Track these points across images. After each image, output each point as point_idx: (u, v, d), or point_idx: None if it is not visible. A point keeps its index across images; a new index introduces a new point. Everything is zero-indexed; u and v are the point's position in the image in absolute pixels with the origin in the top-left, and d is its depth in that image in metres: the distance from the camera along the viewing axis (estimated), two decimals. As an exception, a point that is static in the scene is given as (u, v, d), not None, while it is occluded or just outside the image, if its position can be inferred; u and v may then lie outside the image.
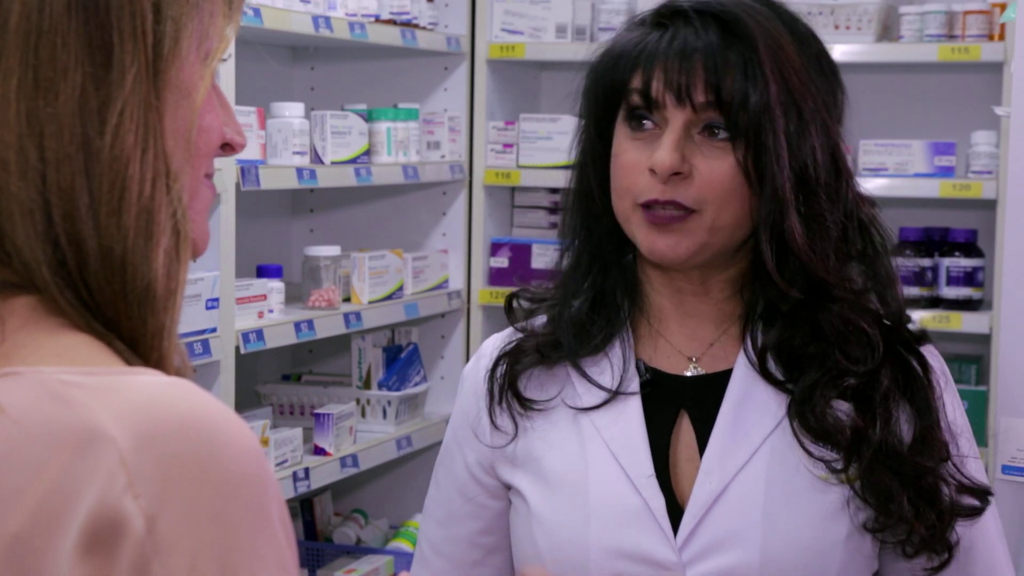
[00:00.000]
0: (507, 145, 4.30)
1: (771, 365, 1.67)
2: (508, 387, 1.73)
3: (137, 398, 0.91)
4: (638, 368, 1.71)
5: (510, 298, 1.81)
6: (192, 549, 0.88)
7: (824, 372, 1.64)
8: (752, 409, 1.67)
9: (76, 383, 0.92)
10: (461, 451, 1.78)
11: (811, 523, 1.63)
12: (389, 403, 4.00)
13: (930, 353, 1.72)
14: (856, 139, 4.07)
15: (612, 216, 1.70)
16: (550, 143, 4.25)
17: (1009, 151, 2.53)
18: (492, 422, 1.74)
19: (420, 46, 4.06)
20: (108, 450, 0.89)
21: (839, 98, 1.70)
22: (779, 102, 1.62)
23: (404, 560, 4.06)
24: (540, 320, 1.77)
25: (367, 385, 4.03)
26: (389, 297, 3.94)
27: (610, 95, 1.69)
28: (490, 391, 1.74)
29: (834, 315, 1.64)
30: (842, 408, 1.65)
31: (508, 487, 1.74)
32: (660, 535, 1.63)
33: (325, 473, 3.64)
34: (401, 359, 4.08)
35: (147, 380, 0.93)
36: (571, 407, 1.71)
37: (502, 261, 4.33)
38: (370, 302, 3.84)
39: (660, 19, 1.68)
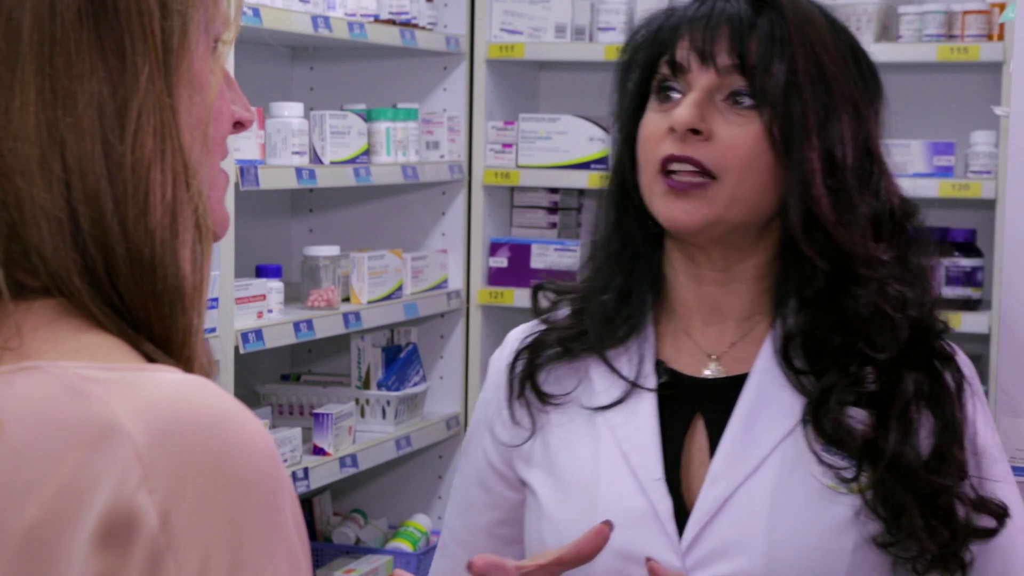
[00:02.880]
0: (506, 145, 4.30)
1: (795, 355, 1.65)
2: (527, 381, 1.73)
3: (154, 394, 0.91)
4: (657, 369, 1.70)
5: (536, 289, 1.80)
6: (205, 545, 0.88)
7: (843, 376, 1.62)
8: (765, 416, 1.65)
9: (94, 378, 0.92)
10: (482, 441, 1.77)
11: (818, 533, 1.61)
12: (388, 403, 4.00)
13: (963, 363, 1.68)
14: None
15: (643, 204, 1.69)
16: (549, 143, 4.25)
17: (1008, 151, 2.53)
18: (512, 416, 1.74)
19: (419, 46, 4.06)
20: (124, 445, 0.89)
21: (876, 96, 1.71)
22: (807, 74, 1.62)
23: (403, 560, 4.06)
24: (563, 312, 1.76)
25: (366, 385, 4.03)
26: (388, 297, 3.94)
27: (644, 71, 1.70)
28: (509, 384, 1.74)
29: (858, 301, 1.62)
30: (859, 415, 1.62)
31: (523, 483, 1.74)
32: (665, 539, 1.62)
33: (324, 473, 3.64)
34: (400, 359, 4.08)
35: (165, 377, 0.93)
36: (585, 407, 1.70)
37: (501, 261, 4.33)
38: (369, 302, 3.85)
39: None
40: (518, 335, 1.78)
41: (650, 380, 1.69)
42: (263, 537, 0.90)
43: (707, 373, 1.70)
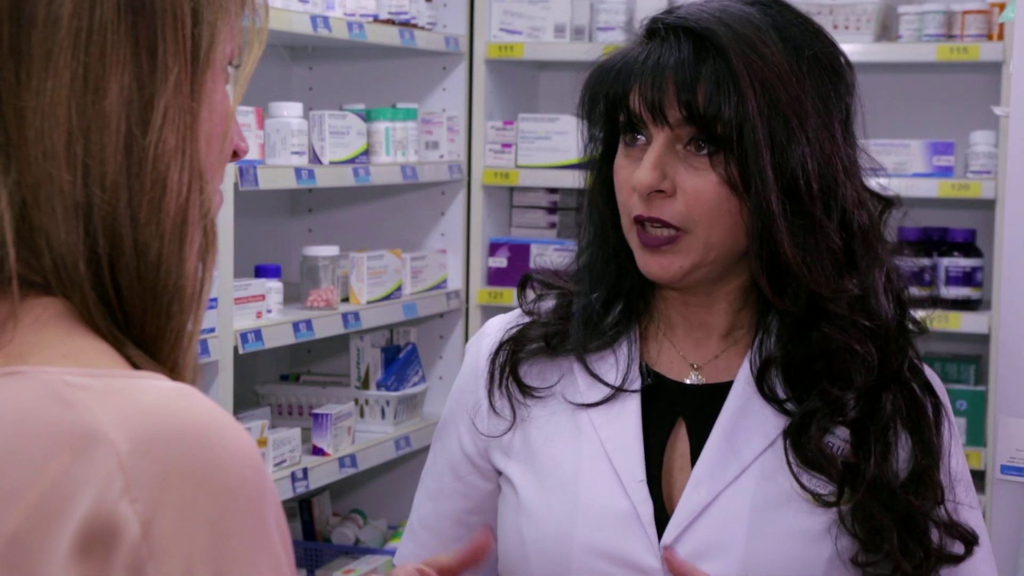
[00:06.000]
0: (506, 145, 4.30)
1: (774, 381, 1.66)
2: (510, 373, 1.73)
3: (139, 402, 0.91)
4: (641, 371, 1.71)
5: (524, 280, 1.81)
6: (187, 555, 0.88)
7: (824, 403, 1.63)
8: (747, 426, 1.66)
9: (79, 384, 0.92)
10: (457, 428, 1.78)
11: (795, 542, 1.63)
12: (388, 403, 3.99)
13: (936, 386, 1.70)
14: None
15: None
16: (549, 143, 4.25)
17: (1008, 151, 2.52)
18: (491, 406, 1.74)
19: (418, 46, 4.05)
20: (106, 453, 0.89)
21: (844, 99, 1.67)
22: (758, 113, 1.59)
23: (403, 560, 4.06)
24: (548, 305, 1.77)
25: (365, 385, 4.03)
26: (387, 297, 3.94)
27: (607, 107, 1.69)
28: (491, 374, 1.75)
29: (828, 338, 1.63)
30: (839, 437, 1.64)
31: (499, 473, 1.75)
32: (644, 540, 1.64)
33: (324, 473, 3.63)
34: (399, 359, 4.08)
35: (150, 384, 0.93)
36: (570, 402, 1.71)
37: (501, 261, 4.33)
38: (368, 302, 3.84)
39: (644, 35, 1.68)
40: (499, 324, 1.79)
41: (635, 383, 1.70)
42: (247, 547, 0.90)
43: (689, 381, 1.72)
